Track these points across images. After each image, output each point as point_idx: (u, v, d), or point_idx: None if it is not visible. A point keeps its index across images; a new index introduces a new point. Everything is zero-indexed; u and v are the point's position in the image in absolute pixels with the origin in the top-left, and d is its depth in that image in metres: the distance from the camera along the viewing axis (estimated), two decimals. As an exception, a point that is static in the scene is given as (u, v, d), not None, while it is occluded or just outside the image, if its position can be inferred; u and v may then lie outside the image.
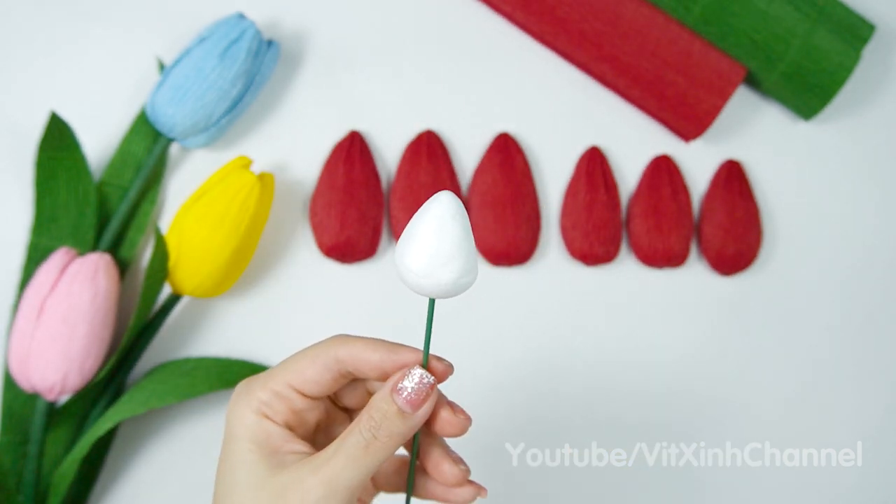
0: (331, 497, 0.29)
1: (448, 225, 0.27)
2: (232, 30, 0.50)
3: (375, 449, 0.30)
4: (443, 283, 0.28)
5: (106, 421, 0.47)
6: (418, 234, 0.27)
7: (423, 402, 0.30)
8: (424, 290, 0.28)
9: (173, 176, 0.54)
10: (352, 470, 0.30)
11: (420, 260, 0.27)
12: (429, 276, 0.27)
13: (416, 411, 0.30)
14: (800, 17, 0.52)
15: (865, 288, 0.56)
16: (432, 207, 0.27)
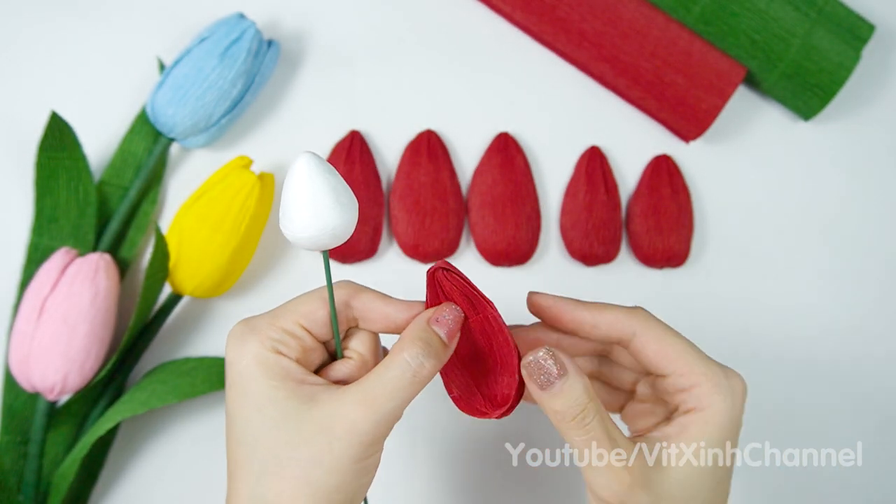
0: (381, 424, 0.30)
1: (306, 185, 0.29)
2: (232, 30, 0.50)
3: (422, 377, 0.31)
4: (323, 236, 0.29)
5: (106, 421, 0.47)
6: (287, 200, 0.29)
7: (457, 332, 0.32)
8: (310, 245, 0.30)
9: (173, 176, 0.54)
10: (398, 399, 0.30)
11: (296, 222, 0.29)
12: (308, 233, 0.29)
13: (451, 342, 0.32)
14: (800, 17, 0.52)
15: (865, 287, 0.56)
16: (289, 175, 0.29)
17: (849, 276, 0.56)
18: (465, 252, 0.54)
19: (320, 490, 0.29)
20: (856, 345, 0.55)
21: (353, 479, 0.30)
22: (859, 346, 0.55)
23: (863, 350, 0.55)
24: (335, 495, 0.30)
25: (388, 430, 0.31)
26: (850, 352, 0.55)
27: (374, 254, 0.54)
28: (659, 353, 0.36)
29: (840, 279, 0.56)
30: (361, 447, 0.30)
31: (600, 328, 0.36)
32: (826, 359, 0.55)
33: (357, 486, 0.31)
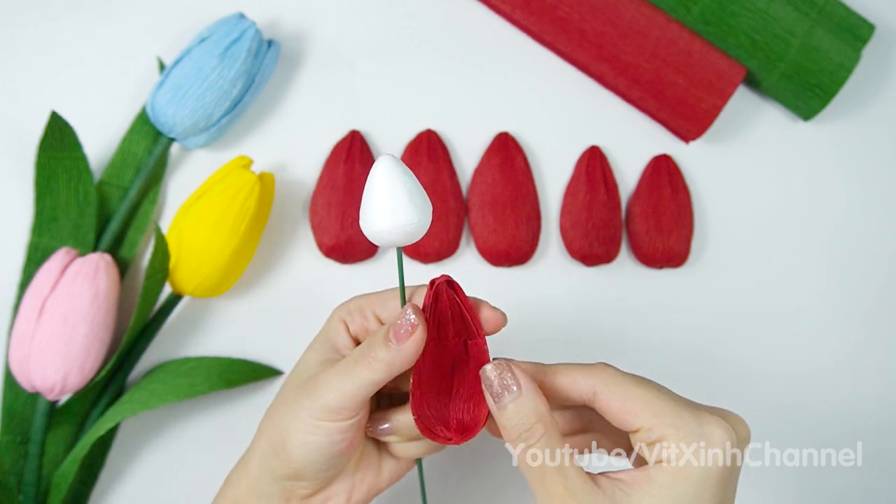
0: (325, 410, 0.34)
1: (386, 184, 0.31)
2: (232, 30, 0.50)
3: (362, 366, 0.33)
4: (399, 233, 0.32)
5: (106, 421, 0.47)
6: (366, 198, 0.32)
7: (406, 336, 0.32)
8: (388, 242, 0.32)
9: (173, 176, 0.54)
10: (339, 382, 0.34)
11: (376, 220, 0.32)
12: (387, 230, 0.32)
13: (398, 343, 0.32)
14: (800, 17, 0.52)
15: (866, 287, 0.56)
16: (371, 175, 0.32)
17: (849, 276, 0.56)
18: (465, 252, 0.54)
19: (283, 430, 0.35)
20: (856, 344, 0.55)
21: (316, 435, 0.34)
22: (859, 345, 0.55)
23: (863, 349, 0.55)
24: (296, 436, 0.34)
25: (337, 413, 0.34)
26: (850, 351, 0.55)
27: (374, 254, 0.54)
28: (623, 410, 0.33)
29: (840, 279, 0.56)
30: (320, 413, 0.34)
31: (560, 393, 0.35)
32: (826, 358, 0.55)
33: (325, 442, 0.34)
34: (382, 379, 0.33)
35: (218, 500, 0.38)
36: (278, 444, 0.35)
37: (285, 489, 0.36)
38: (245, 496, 0.36)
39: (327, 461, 0.35)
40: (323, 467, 0.35)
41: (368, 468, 0.38)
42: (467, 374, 0.35)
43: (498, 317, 0.35)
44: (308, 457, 0.35)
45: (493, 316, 0.35)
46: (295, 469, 0.35)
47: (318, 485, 0.36)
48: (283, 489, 0.36)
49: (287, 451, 0.35)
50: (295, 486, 0.36)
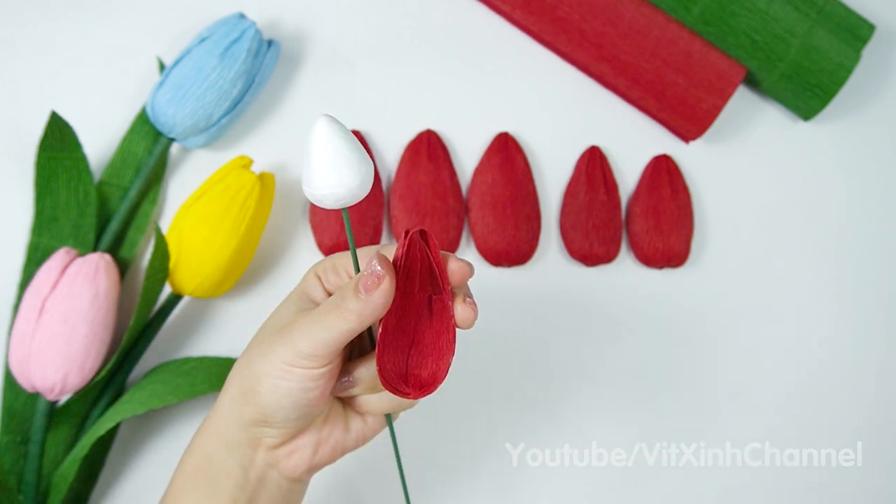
0: (299, 356, 0.34)
1: (327, 146, 0.31)
2: (232, 30, 0.50)
3: (333, 315, 0.33)
4: (344, 193, 0.31)
5: (106, 421, 0.47)
6: (309, 160, 0.31)
7: (373, 287, 0.32)
8: (333, 204, 0.32)
9: (173, 176, 0.54)
10: (312, 329, 0.34)
11: (320, 182, 0.31)
12: (332, 192, 0.31)
13: (367, 293, 0.32)
14: (800, 17, 0.52)
15: (866, 286, 0.56)
16: (311, 137, 0.31)
17: (849, 276, 0.56)
18: (465, 252, 0.54)
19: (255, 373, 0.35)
20: (856, 344, 0.55)
21: (287, 380, 0.34)
22: (859, 345, 0.55)
23: (863, 349, 0.55)
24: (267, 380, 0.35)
25: (309, 360, 0.34)
26: (851, 351, 0.55)
27: (374, 254, 0.54)
28: None
29: (840, 279, 0.56)
30: (293, 358, 0.34)
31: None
32: (826, 358, 0.55)
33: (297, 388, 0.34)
34: (354, 328, 0.33)
35: (188, 452, 0.38)
36: (249, 387, 0.35)
37: (253, 437, 0.36)
38: (214, 445, 0.37)
39: (297, 409, 0.35)
40: (292, 415, 0.35)
41: (335, 425, 0.38)
42: (429, 330, 0.34)
43: (464, 268, 0.34)
44: (278, 402, 0.35)
45: (459, 267, 0.34)
46: (264, 414, 0.35)
47: (286, 434, 0.36)
48: (251, 437, 0.36)
49: (257, 395, 0.35)
50: (263, 434, 0.36)
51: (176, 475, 0.38)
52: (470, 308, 0.34)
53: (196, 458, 0.37)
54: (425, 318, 0.35)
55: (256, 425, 0.36)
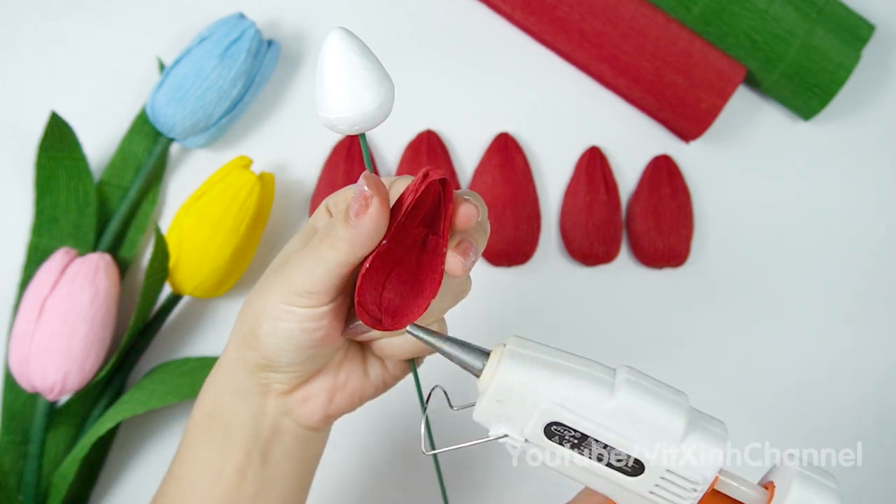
0: (297, 294, 0.31)
1: (341, 62, 0.27)
2: (232, 30, 0.50)
3: (325, 246, 0.31)
4: (362, 116, 0.28)
5: (106, 421, 0.47)
6: (321, 79, 0.27)
7: (362, 210, 0.29)
8: (350, 129, 0.29)
9: (173, 176, 0.54)
10: (306, 263, 0.31)
11: (332, 104, 0.28)
12: (346, 114, 0.28)
13: (357, 218, 0.30)
14: (800, 17, 0.52)
15: (866, 286, 0.56)
16: (324, 54, 0.27)
17: (849, 276, 0.56)
18: (465, 252, 0.54)
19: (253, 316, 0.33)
20: (856, 344, 0.55)
21: (286, 321, 0.32)
22: (859, 345, 0.55)
23: (863, 349, 0.55)
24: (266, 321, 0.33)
25: (307, 297, 0.31)
26: (851, 351, 0.55)
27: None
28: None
29: (840, 279, 0.56)
30: (289, 296, 0.32)
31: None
32: (826, 358, 0.55)
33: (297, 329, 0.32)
34: (347, 259, 0.30)
35: (197, 403, 0.36)
36: (248, 331, 0.33)
37: (261, 383, 0.34)
38: (223, 394, 0.35)
39: (301, 351, 0.33)
40: (297, 357, 0.33)
41: (353, 370, 0.36)
42: (415, 264, 0.33)
43: (471, 211, 0.32)
44: (279, 344, 0.32)
45: (466, 210, 0.32)
46: (266, 358, 0.33)
47: (294, 379, 0.34)
48: (258, 383, 0.34)
49: (257, 338, 0.33)
50: (270, 379, 0.34)
51: (187, 428, 0.36)
52: (460, 255, 0.32)
53: (205, 407, 0.35)
54: (415, 252, 0.33)
55: (262, 370, 0.34)
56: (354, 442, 0.52)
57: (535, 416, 0.30)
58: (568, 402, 0.30)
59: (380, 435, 0.52)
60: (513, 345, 0.31)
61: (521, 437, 0.31)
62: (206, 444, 0.35)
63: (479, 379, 0.31)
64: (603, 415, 0.30)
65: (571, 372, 0.30)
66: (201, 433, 0.35)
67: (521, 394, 0.30)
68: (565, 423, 0.30)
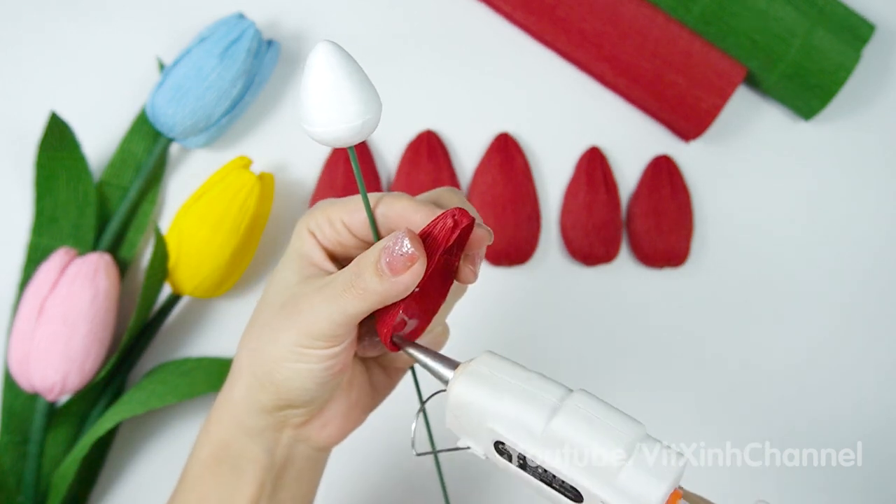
0: (309, 336, 0.31)
1: (329, 75, 0.26)
2: (232, 30, 0.50)
3: (351, 296, 0.30)
4: (348, 131, 0.27)
5: (106, 421, 0.47)
6: (306, 92, 0.27)
7: (402, 270, 0.29)
8: (334, 142, 0.28)
9: (173, 176, 0.54)
10: (327, 310, 0.30)
11: (316, 117, 0.27)
12: (334, 127, 0.27)
13: (394, 276, 0.29)
14: (800, 17, 0.52)
15: (866, 286, 0.56)
16: (310, 67, 0.27)
17: (849, 276, 0.56)
18: (465, 252, 0.54)
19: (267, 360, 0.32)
20: (856, 343, 0.55)
21: (305, 362, 0.31)
22: (859, 344, 0.55)
23: (863, 349, 0.55)
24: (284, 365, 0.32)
25: (327, 341, 0.31)
26: (851, 351, 0.55)
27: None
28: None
29: (840, 279, 0.56)
30: (308, 340, 0.31)
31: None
32: (826, 358, 0.55)
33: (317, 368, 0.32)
34: (374, 308, 0.30)
35: (200, 442, 0.35)
36: (264, 376, 0.32)
37: (277, 420, 0.34)
38: (233, 435, 0.34)
39: (319, 387, 0.32)
40: (317, 393, 0.33)
41: (362, 386, 0.36)
42: (431, 286, 0.32)
43: (484, 236, 0.31)
44: (300, 384, 0.32)
45: (481, 236, 0.31)
46: (287, 399, 0.33)
47: (313, 410, 0.34)
48: (275, 421, 0.34)
49: (276, 383, 0.32)
50: (288, 416, 0.34)
51: (190, 465, 0.35)
52: (471, 266, 0.32)
53: (212, 447, 0.35)
54: (436, 278, 0.32)
55: (279, 410, 0.33)
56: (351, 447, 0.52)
57: (483, 433, 0.30)
58: (506, 423, 0.30)
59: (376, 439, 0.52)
60: (478, 363, 0.31)
61: (481, 450, 0.31)
62: (215, 480, 0.34)
63: (446, 391, 0.32)
64: (536, 439, 0.29)
65: (520, 394, 0.30)
66: (208, 471, 0.35)
67: (469, 411, 0.31)
68: (506, 443, 0.30)
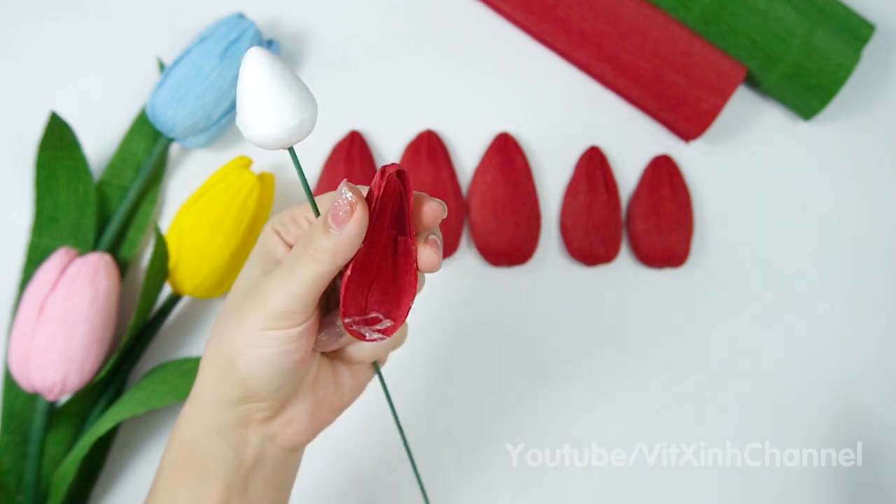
0: (272, 317, 0.31)
1: (262, 79, 0.28)
2: (232, 30, 0.50)
3: (304, 262, 0.30)
4: (286, 132, 0.29)
5: (106, 421, 0.47)
6: (245, 100, 0.28)
7: (347, 217, 0.29)
8: (274, 143, 0.29)
9: (173, 176, 0.54)
10: (283, 283, 0.31)
11: (254, 121, 0.28)
12: (273, 130, 0.28)
13: (339, 226, 0.29)
14: (800, 17, 0.52)
15: (866, 286, 0.56)
16: (244, 72, 0.28)
17: (849, 276, 0.56)
18: (466, 252, 0.54)
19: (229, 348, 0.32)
20: (856, 343, 0.55)
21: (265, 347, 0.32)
22: (859, 344, 0.55)
23: (863, 349, 0.55)
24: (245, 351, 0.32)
25: (285, 319, 0.31)
26: (850, 351, 0.55)
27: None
28: None
29: (840, 278, 0.56)
30: (267, 321, 0.31)
31: None
32: (826, 358, 0.55)
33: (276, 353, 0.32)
34: (328, 271, 0.30)
35: (169, 445, 0.35)
36: (224, 364, 0.32)
37: (241, 416, 0.33)
38: (199, 433, 0.34)
39: (281, 375, 0.32)
40: (277, 383, 0.33)
41: (327, 384, 0.36)
42: (391, 270, 0.32)
43: (436, 209, 0.32)
44: (259, 372, 0.32)
45: (432, 208, 0.31)
46: (248, 389, 0.32)
47: (276, 404, 0.34)
48: (239, 416, 0.33)
49: (237, 370, 0.32)
50: (251, 410, 0.33)
51: (159, 470, 0.35)
52: (432, 249, 0.31)
53: (180, 449, 0.35)
54: (389, 259, 0.32)
55: (242, 402, 0.33)
56: (326, 447, 0.52)
57: None
58: None
59: (352, 438, 0.52)
60: None
61: None
62: (184, 482, 0.34)
63: None
64: None
65: None
66: (178, 473, 0.35)
67: None
68: None
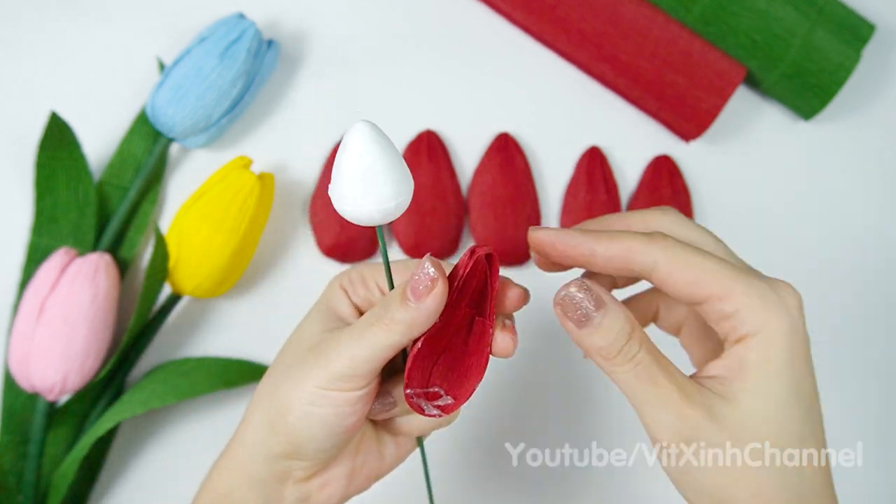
0: (335, 378, 0.31)
1: (366, 156, 0.27)
2: (232, 30, 0.50)
3: (377, 329, 0.30)
4: (380, 212, 0.28)
5: (106, 421, 0.47)
6: (340, 170, 0.27)
7: (426, 293, 0.29)
8: (366, 221, 0.29)
9: (173, 176, 0.54)
10: (352, 346, 0.30)
11: (349, 195, 0.28)
12: (368, 208, 0.28)
13: (417, 301, 0.29)
14: (800, 17, 0.52)
15: (866, 286, 0.56)
16: (345, 146, 0.27)
17: (849, 275, 0.56)
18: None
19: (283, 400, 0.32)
20: (855, 343, 0.55)
21: (322, 406, 0.31)
22: (859, 344, 0.55)
23: (863, 349, 0.55)
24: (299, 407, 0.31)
25: (348, 381, 0.31)
26: (850, 351, 0.55)
27: (374, 253, 0.54)
28: (687, 282, 0.30)
29: (840, 279, 0.56)
30: (329, 381, 0.31)
31: (614, 261, 0.32)
32: (826, 358, 0.55)
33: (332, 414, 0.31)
34: (400, 342, 0.30)
35: (203, 489, 0.34)
36: (276, 416, 0.32)
37: (281, 470, 0.33)
38: (235, 482, 0.33)
39: (331, 437, 0.32)
40: (325, 444, 0.32)
41: (369, 451, 0.35)
42: (462, 349, 0.32)
43: (521, 295, 0.32)
44: (311, 431, 0.31)
45: (517, 294, 0.32)
46: (295, 445, 0.32)
47: (317, 465, 0.33)
48: (278, 471, 0.33)
49: (287, 424, 0.31)
50: (292, 467, 0.33)
51: None
52: (510, 336, 0.31)
53: (212, 496, 0.34)
54: (462, 337, 0.32)
55: (286, 458, 0.32)
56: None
57: None
58: None
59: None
60: None
61: None
62: None
63: None
64: None
65: None
66: None
67: None
68: None
